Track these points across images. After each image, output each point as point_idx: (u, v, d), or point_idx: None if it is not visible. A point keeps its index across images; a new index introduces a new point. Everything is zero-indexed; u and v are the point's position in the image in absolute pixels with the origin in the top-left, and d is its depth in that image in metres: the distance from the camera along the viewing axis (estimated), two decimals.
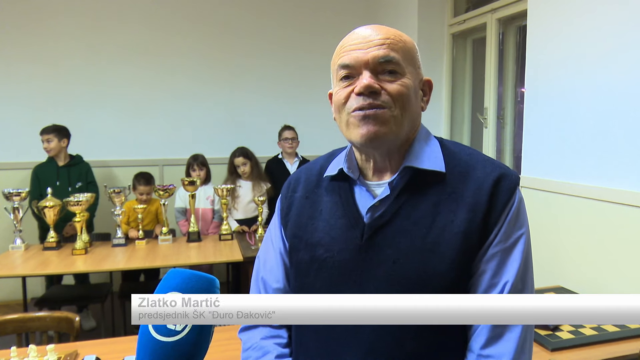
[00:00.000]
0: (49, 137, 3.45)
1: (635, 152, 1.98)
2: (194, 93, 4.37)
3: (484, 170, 0.88)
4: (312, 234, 0.94)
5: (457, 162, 0.90)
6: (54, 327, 1.87)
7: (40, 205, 3.04)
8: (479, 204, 0.84)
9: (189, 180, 3.30)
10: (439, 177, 0.88)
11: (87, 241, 3.10)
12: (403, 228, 0.86)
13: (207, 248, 3.14)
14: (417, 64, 0.90)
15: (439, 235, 0.84)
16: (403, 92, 0.85)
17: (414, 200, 0.87)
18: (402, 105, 0.85)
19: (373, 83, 0.84)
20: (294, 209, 1.00)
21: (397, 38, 0.87)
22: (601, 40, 2.12)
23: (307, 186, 1.00)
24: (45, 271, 2.79)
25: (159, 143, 4.32)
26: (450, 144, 0.94)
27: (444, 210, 0.85)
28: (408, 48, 0.89)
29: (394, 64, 0.85)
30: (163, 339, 0.53)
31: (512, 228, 0.85)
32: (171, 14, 4.26)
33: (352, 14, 4.68)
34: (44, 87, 4.03)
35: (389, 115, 0.84)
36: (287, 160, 3.94)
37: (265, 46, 4.50)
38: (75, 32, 4.06)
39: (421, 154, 0.89)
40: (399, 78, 0.85)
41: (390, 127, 0.85)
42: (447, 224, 0.84)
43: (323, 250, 0.91)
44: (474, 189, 0.85)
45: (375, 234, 0.87)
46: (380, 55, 0.84)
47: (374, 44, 0.85)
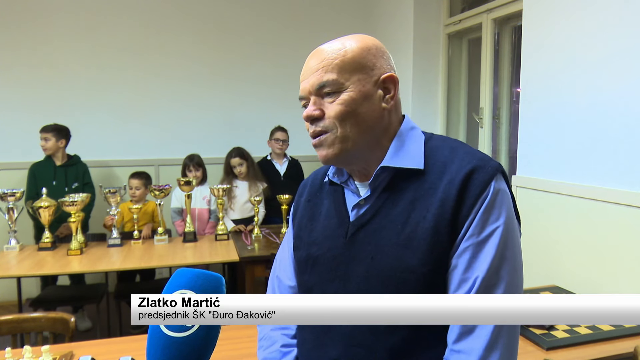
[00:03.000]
0: (47, 136, 3.44)
1: (630, 152, 1.99)
2: (190, 93, 4.37)
3: (460, 163, 0.88)
4: (309, 234, 1.01)
5: (437, 158, 0.91)
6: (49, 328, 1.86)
7: (35, 206, 3.03)
8: (448, 198, 0.85)
9: (185, 180, 3.29)
10: (418, 174, 0.90)
11: (83, 241, 3.09)
12: (381, 225, 0.90)
13: (203, 248, 3.14)
14: (367, 68, 0.91)
15: (413, 231, 0.86)
16: (342, 111, 0.88)
17: (394, 198, 0.90)
18: (345, 123, 0.88)
19: (311, 111, 0.90)
20: (299, 212, 1.08)
21: (333, 56, 0.89)
22: (596, 39, 2.13)
23: (311, 190, 1.08)
24: (40, 272, 2.78)
25: (155, 143, 4.31)
26: (437, 140, 0.96)
27: (419, 206, 0.87)
28: (348, 59, 0.89)
29: (328, 86, 0.88)
30: (174, 335, 0.54)
31: (485, 221, 0.84)
32: (167, 16, 4.25)
33: (348, 14, 4.69)
34: (41, 87, 4.01)
35: (332, 137, 0.89)
36: (276, 161, 3.94)
37: (261, 47, 4.50)
38: (72, 33, 4.04)
39: (399, 152, 0.92)
40: (338, 96, 0.88)
41: (337, 147, 0.90)
42: (420, 220, 0.86)
43: (317, 248, 0.97)
44: (445, 183, 0.86)
45: (358, 231, 0.92)
46: (315, 83, 0.89)
47: (312, 72, 0.90)
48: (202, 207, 3.70)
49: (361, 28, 4.69)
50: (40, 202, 3.03)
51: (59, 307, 3.17)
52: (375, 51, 0.93)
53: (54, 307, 3.08)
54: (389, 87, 0.93)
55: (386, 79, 0.92)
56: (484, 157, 0.90)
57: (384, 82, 0.92)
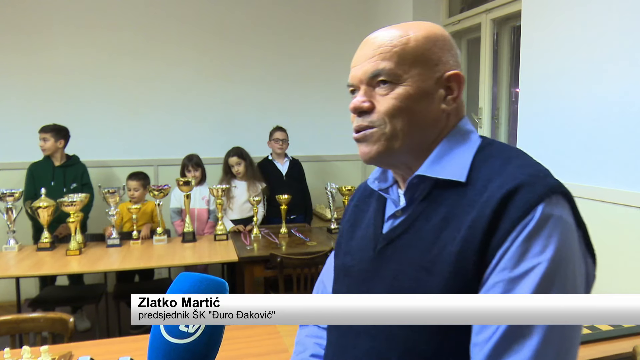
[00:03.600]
0: (46, 136, 3.44)
1: (630, 152, 1.99)
2: (189, 94, 4.36)
3: (504, 178, 0.73)
4: (347, 242, 0.94)
5: (485, 169, 0.77)
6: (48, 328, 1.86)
7: (34, 206, 3.03)
8: (481, 219, 0.70)
9: (184, 180, 3.29)
10: (459, 187, 0.77)
11: (81, 242, 3.08)
12: (410, 242, 0.79)
13: (202, 248, 3.13)
14: (430, 62, 0.80)
15: (439, 253, 0.74)
16: (395, 106, 0.78)
17: (429, 212, 0.79)
18: (396, 120, 0.79)
19: (360, 102, 0.81)
20: (346, 217, 1.01)
21: (393, 42, 0.79)
22: (596, 39, 2.13)
23: (362, 194, 0.99)
24: (39, 272, 2.77)
25: (154, 143, 4.30)
26: (495, 148, 0.81)
27: (452, 225, 0.74)
28: (410, 49, 0.79)
29: (384, 75, 0.79)
30: (176, 341, 0.53)
31: (524, 254, 0.67)
32: (167, 16, 4.25)
33: (347, 14, 4.69)
34: (40, 88, 4.01)
35: (378, 133, 0.80)
36: (277, 160, 3.94)
37: (259, 49, 4.50)
38: (72, 35, 4.04)
39: (442, 160, 0.80)
40: (392, 89, 0.79)
41: (382, 145, 0.80)
42: (449, 241, 0.73)
43: (350, 259, 0.90)
44: (483, 201, 0.72)
45: (387, 246, 0.82)
46: (369, 70, 0.80)
47: (366, 58, 0.81)
48: (201, 207, 3.70)
49: (360, 30, 4.70)
50: (39, 202, 3.03)
51: (58, 307, 3.17)
52: (442, 44, 0.82)
53: (53, 308, 3.08)
54: (452, 87, 0.82)
55: (451, 77, 0.81)
56: (537, 173, 0.73)
57: (448, 81, 0.81)
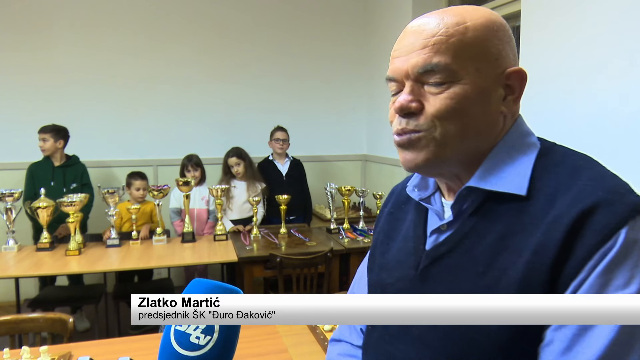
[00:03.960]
0: (45, 137, 3.44)
1: (629, 152, 1.99)
2: (189, 94, 4.37)
3: (577, 194, 0.62)
4: (383, 255, 0.84)
5: (549, 181, 0.66)
6: (48, 329, 1.86)
7: (34, 206, 3.02)
8: (548, 245, 0.60)
9: (184, 180, 3.29)
10: (518, 201, 0.66)
11: (81, 242, 3.08)
12: (460, 263, 0.69)
13: (201, 248, 3.13)
14: (490, 56, 0.68)
15: (497, 279, 0.64)
16: (449, 107, 0.67)
17: (482, 229, 0.68)
18: (448, 123, 0.67)
19: (408, 102, 0.68)
20: (379, 226, 0.90)
21: (449, 31, 0.67)
22: (595, 39, 2.13)
23: (397, 201, 0.89)
24: (38, 272, 2.77)
25: (153, 143, 4.31)
26: (558, 154, 0.70)
27: (511, 246, 0.64)
28: (469, 40, 0.67)
29: (439, 72, 0.67)
30: (187, 354, 0.52)
31: (605, 285, 0.57)
32: (166, 16, 4.25)
33: (347, 14, 4.70)
34: (40, 88, 4.01)
35: (427, 139, 0.68)
36: (277, 161, 3.94)
37: (260, 47, 4.50)
38: (71, 35, 4.04)
39: (497, 169, 0.69)
40: (447, 87, 0.67)
41: (430, 152, 0.69)
42: (509, 265, 0.63)
43: (387, 275, 0.81)
44: (550, 221, 0.61)
45: (432, 265, 0.72)
46: (419, 64, 0.67)
47: (414, 48, 0.68)
48: (201, 207, 3.70)
49: (359, 31, 4.71)
50: (39, 202, 3.03)
51: (58, 307, 3.17)
52: (502, 34, 0.70)
53: (53, 308, 3.08)
54: (513, 86, 0.71)
55: (512, 74, 0.70)
56: (617, 189, 0.62)
57: (508, 78, 0.70)
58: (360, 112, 4.84)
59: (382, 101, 4.47)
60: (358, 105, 4.83)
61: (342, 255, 3.13)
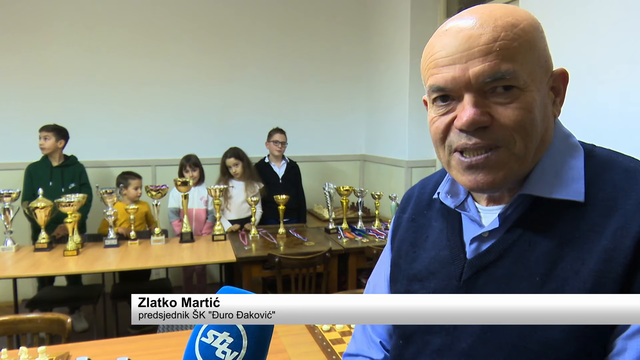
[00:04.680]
0: (47, 135, 3.43)
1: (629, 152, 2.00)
2: (187, 94, 4.36)
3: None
4: (410, 265, 0.79)
5: (604, 185, 0.63)
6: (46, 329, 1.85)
7: (31, 206, 3.02)
8: (618, 252, 0.58)
9: (182, 180, 3.28)
10: (574, 207, 0.63)
11: (79, 242, 3.08)
12: (512, 272, 0.65)
13: (200, 248, 3.13)
14: (541, 59, 0.64)
15: (559, 289, 0.61)
16: (525, 118, 0.61)
17: (533, 237, 0.64)
18: (524, 136, 0.62)
19: (479, 116, 0.61)
20: (399, 233, 0.85)
21: (510, 35, 0.61)
22: (594, 41, 2.14)
23: (417, 206, 0.84)
24: (36, 272, 2.77)
25: (151, 143, 4.30)
26: (604, 157, 0.68)
27: (571, 254, 0.61)
28: (527, 44, 0.62)
29: (508, 80, 0.61)
30: None
31: None
32: (164, 19, 4.25)
33: (345, 14, 4.70)
34: (38, 88, 4.01)
35: (506, 156, 0.63)
36: (274, 163, 3.93)
37: (257, 49, 4.50)
38: (69, 33, 4.04)
39: (550, 175, 0.66)
40: (518, 96, 0.61)
41: (508, 170, 0.64)
42: (571, 275, 0.60)
43: (419, 286, 0.76)
44: (616, 227, 0.59)
45: (478, 275, 0.68)
46: (485, 72, 0.61)
47: (477, 53, 0.61)
48: (199, 207, 3.70)
49: (358, 32, 4.71)
50: (37, 202, 3.02)
51: (56, 307, 3.16)
52: (543, 35, 0.65)
53: (51, 308, 3.07)
54: (557, 88, 0.67)
55: (558, 75, 0.67)
56: None
57: (555, 80, 0.67)
58: (359, 112, 4.85)
59: (381, 101, 4.47)
60: (356, 106, 4.83)
61: (341, 255, 3.13)
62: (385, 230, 3.47)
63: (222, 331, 0.52)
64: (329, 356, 1.56)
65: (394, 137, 4.21)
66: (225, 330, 0.52)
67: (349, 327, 1.77)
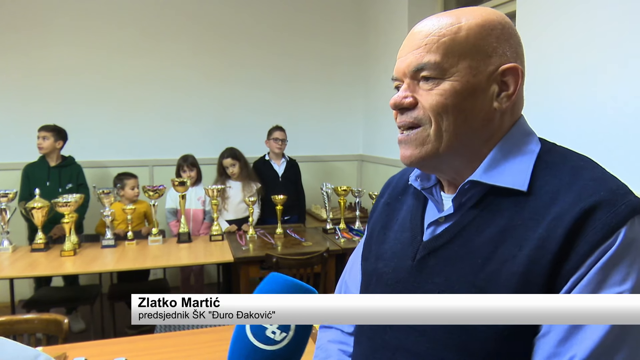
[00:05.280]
0: (46, 135, 3.42)
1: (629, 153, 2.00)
2: (185, 94, 4.36)
3: (578, 193, 0.64)
4: (379, 245, 0.86)
5: (550, 179, 0.69)
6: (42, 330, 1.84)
7: (28, 207, 3.01)
8: (550, 240, 0.63)
9: (179, 180, 3.28)
10: (519, 197, 0.69)
11: (76, 242, 3.07)
12: (458, 254, 0.71)
13: (197, 249, 3.13)
14: (482, 54, 0.71)
15: (496, 271, 0.66)
16: (439, 103, 0.70)
17: (481, 222, 0.71)
18: (441, 118, 0.71)
19: (401, 99, 0.73)
20: (374, 216, 0.93)
21: (441, 32, 0.71)
22: (590, 40, 2.14)
23: (393, 191, 0.91)
24: (33, 273, 2.76)
25: (149, 143, 4.29)
26: (558, 154, 0.74)
27: (511, 240, 0.66)
28: (461, 39, 0.70)
29: (428, 69, 0.71)
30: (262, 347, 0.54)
31: (603, 282, 0.60)
32: (162, 19, 4.24)
33: (343, 14, 4.71)
34: (36, 88, 3.99)
35: (423, 135, 0.72)
36: (274, 161, 3.93)
37: (256, 47, 4.50)
38: (67, 36, 4.03)
39: (499, 165, 0.72)
40: (437, 84, 0.71)
41: (426, 147, 0.72)
42: (508, 258, 0.65)
43: (383, 264, 0.82)
44: (552, 217, 0.64)
45: (429, 256, 0.75)
46: (412, 63, 0.72)
47: (411, 49, 0.73)
48: (197, 207, 3.69)
49: (356, 31, 4.71)
50: (34, 202, 3.01)
51: (53, 308, 3.15)
52: (499, 32, 0.72)
53: (48, 309, 3.06)
54: (507, 82, 0.73)
55: (507, 71, 0.72)
56: (617, 189, 0.65)
57: (503, 75, 0.72)
58: (357, 112, 4.85)
59: (378, 101, 4.47)
60: (354, 106, 4.83)
61: (338, 255, 3.14)
62: None
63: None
64: None
65: (392, 137, 4.22)
66: None
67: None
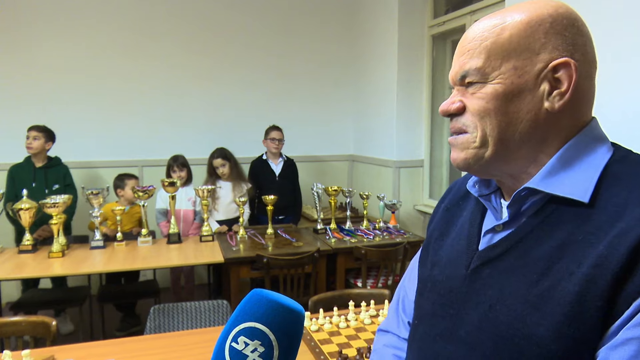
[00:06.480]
0: (37, 135, 3.38)
1: None
2: (175, 93, 4.34)
3: None
4: (436, 251, 0.84)
5: (619, 190, 0.62)
6: (30, 332, 1.83)
7: (16, 207, 2.97)
8: (611, 259, 0.57)
9: (169, 181, 3.26)
10: (582, 209, 0.63)
11: (65, 244, 3.04)
12: (513, 267, 0.67)
13: (187, 249, 3.11)
14: (529, 52, 0.67)
15: (551, 287, 0.61)
16: (482, 107, 0.68)
17: (542, 235, 0.66)
18: (485, 123, 0.69)
19: (447, 105, 0.73)
20: (434, 221, 0.90)
21: (484, 35, 0.69)
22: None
23: (454, 196, 0.89)
24: (20, 275, 2.73)
25: (138, 144, 4.27)
26: (630, 164, 0.66)
27: (570, 255, 0.61)
28: (504, 40, 0.67)
29: (470, 76, 0.70)
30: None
31: None
32: (153, 18, 4.22)
33: (333, 15, 4.71)
34: (23, 89, 3.95)
35: (468, 139, 0.71)
36: (271, 160, 3.93)
37: (247, 47, 4.49)
38: (55, 33, 3.99)
39: (560, 172, 0.67)
40: (481, 88, 0.69)
41: (470, 152, 0.71)
42: (565, 275, 0.61)
43: (438, 272, 0.81)
44: (615, 233, 0.58)
45: (483, 266, 0.71)
46: (457, 71, 0.72)
47: (458, 56, 0.73)
48: (187, 208, 3.67)
49: (347, 32, 4.72)
50: (21, 203, 2.97)
51: (40, 310, 3.12)
52: (549, 26, 0.67)
53: (35, 311, 3.03)
54: (560, 79, 0.66)
55: (558, 66, 0.66)
56: None
57: (555, 72, 0.66)
58: (348, 113, 4.86)
59: (369, 102, 4.48)
60: (345, 106, 4.84)
61: (329, 255, 3.14)
62: (373, 230, 3.48)
63: (253, 339, 0.50)
64: (317, 356, 1.56)
65: (382, 137, 4.23)
66: (256, 339, 0.50)
67: (337, 327, 1.77)
